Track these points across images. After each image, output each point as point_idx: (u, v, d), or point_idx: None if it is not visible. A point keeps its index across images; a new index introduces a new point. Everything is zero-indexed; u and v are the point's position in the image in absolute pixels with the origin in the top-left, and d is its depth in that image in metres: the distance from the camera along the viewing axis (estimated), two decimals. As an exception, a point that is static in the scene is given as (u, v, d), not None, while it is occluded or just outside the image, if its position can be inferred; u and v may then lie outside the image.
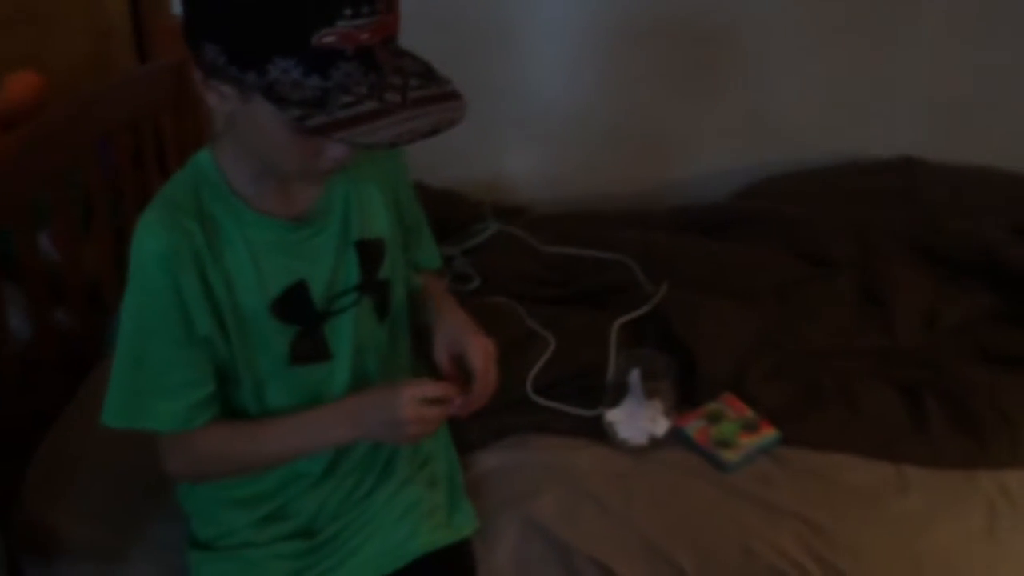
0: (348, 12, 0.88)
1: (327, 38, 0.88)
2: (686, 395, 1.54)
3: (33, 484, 1.36)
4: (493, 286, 1.83)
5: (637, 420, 1.46)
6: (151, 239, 1.04)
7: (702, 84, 2.31)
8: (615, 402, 1.48)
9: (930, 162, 2.28)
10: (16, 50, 2.05)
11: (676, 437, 1.48)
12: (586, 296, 1.83)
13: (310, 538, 1.23)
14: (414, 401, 1.08)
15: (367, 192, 1.18)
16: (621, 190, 2.36)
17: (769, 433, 1.48)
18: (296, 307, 1.12)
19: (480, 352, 1.15)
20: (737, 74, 2.31)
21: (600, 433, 1.48)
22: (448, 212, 2.04)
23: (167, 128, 1.99)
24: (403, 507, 1.24)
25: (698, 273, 1.86)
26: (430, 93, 0.95)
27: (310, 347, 1.15)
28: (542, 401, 1.53)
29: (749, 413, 1.51)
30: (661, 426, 1.46)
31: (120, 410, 1.10)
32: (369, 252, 1.18)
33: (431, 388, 1.10)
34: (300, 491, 1.22)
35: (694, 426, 1.49)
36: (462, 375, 1.16)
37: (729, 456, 1.43)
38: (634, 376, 1.45)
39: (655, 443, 1.46)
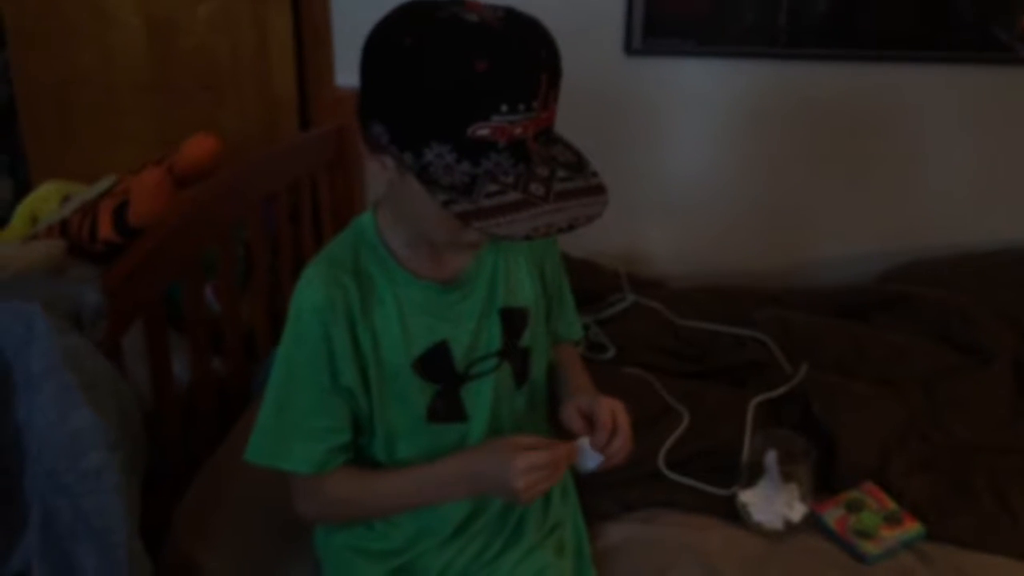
0: (504, 108, 0.92)
1: (481, 131, 0.92)
2: (824, 481, 1.50)
3: (183, 522, 1.42)
4: (628, 357, 1.83)
5: (773, 503, 1.42)
6: (310, 291, 1.11)
7: (848, 164, 2.28)
8: (750, 483, 1.45)
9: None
10: (196, 116, 2.23)
11: (813, 524, 1.43)
12: (722, 373, 1.81)
13: (438, 596, 1.25)
14: (525, 473, 1.08)
15: (515, 262, 1.22)
16: (759, 269, 2.34)
17: (913, 527, 1.42)
18: (437, 366, 1.16)
19: (606, 408, 1.15)
20: (886, 155, 2.27)
21: (733, 513, 1.45)
22: (585, 281, 2.06)
23: (323, 189, 2.11)
24: (530, 573, 1.24)
25: (839, 356, 1.81)
26: (575, 187, 0.98)
27: (447, 407, 1.18)
28: (674, 476, 1.51)
29: (892, 505, 1.45)
30: (797, 511, 1.42)
31: (262, 449, 1.16)
32: (512, 320, 1.21)
33: (541, 457, 1.09)
34: (429, 548, 1.24)
35: (832, 514, 1.44)
36: (591, 430, 1.16)
37: (869, 548, 1.38)
38: (770, 457, 1.42)
39: (790, 528, 1.42)
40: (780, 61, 2.19)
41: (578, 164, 1.01)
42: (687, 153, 2.29)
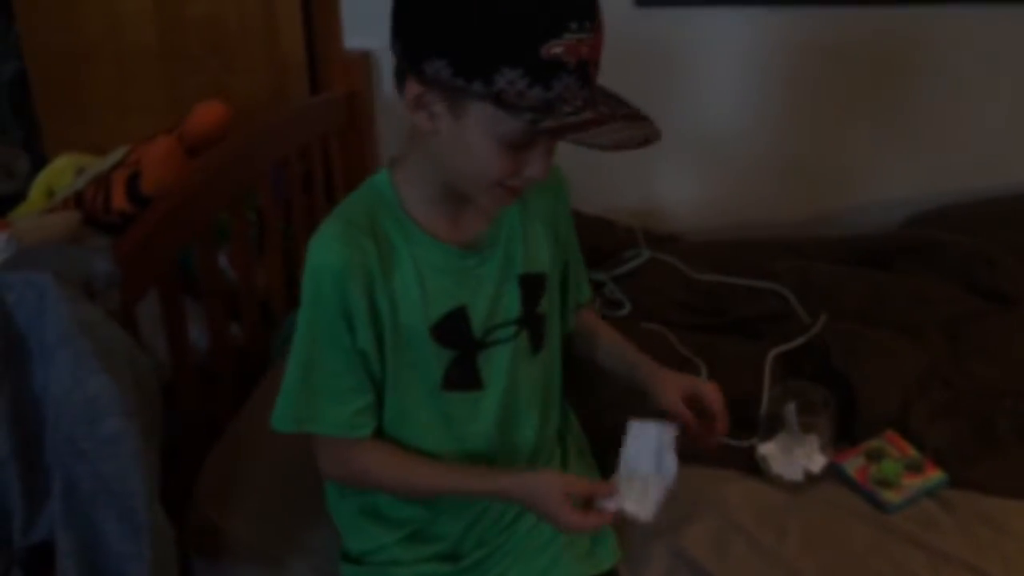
0: (574, 26, 0.92)
1: (555, 49, 0.91)
2: (844, 431, 1.48)
3: (205, 487, 1.44)
4: (644, 313, 1.82)
5: (792, 455, 1.41)
6: (327, 253, 1.08)
7: (870, 109, 2.24)
8: (769, 435, 1.44)
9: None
10: (204, 82, 2.22)
11: (833, 474, 1.43)
12: (740, 326, 1.79)
13: (454, 562, 1.24)
14: (569, 528, 1.10)
15: (533, 228, 1.20)
16: (779, 219, 2.32)
17: (935, 475, 1.41)
18: (454, 332, 1.14)
19: (716, 393, 1.21)
20: (909, 100, 2.22)
21: (752, 466, 1.44)
22: (600, 238, 2.05)
23: (335, 154, 2.10)
24: (546, 536, 1.25)
25: (860, 305, 1.79)
26: (630, 111, 1.00)
27: (462, 375, 1.17)
28: (693, 430, 1.51)
29: (913, 453, 1.44)
30: (817, 462, 1.41)
31: (290, 415, 1.14)
32: (531, 286, 1.19)
33: (593, 520, 1.10)
34: (445, 514, 1.24)
35: (853, 463, 1.43)
36: (696, 415, 1.21)
37: (890, 497, 1.37)
38: (790, 409, 1.41)
39: (810, 479, 1.41)
40: (794, 7, 2.14)
41: (619, 98, 1.02)
42: (702, 104, 2.26)
